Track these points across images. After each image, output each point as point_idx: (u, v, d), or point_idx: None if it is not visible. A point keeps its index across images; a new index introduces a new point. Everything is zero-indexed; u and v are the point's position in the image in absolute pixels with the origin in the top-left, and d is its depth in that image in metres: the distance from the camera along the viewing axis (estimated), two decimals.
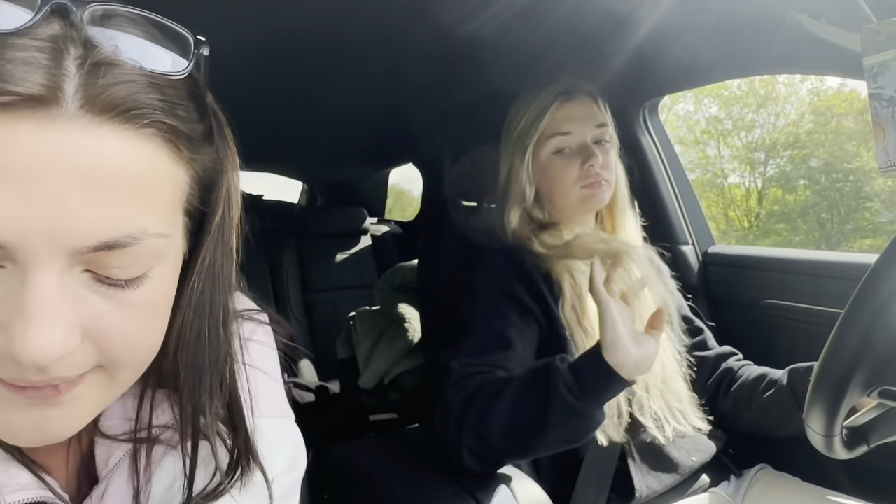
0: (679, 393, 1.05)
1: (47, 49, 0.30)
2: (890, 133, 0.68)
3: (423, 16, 0.94)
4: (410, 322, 1.65)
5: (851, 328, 0.66)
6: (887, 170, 0.68)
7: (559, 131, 1.05)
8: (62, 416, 0.35)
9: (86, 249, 0.31)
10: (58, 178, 0.29)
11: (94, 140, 0.30)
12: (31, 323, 0.30)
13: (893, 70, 0.67)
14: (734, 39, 1.06)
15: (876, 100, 0.68)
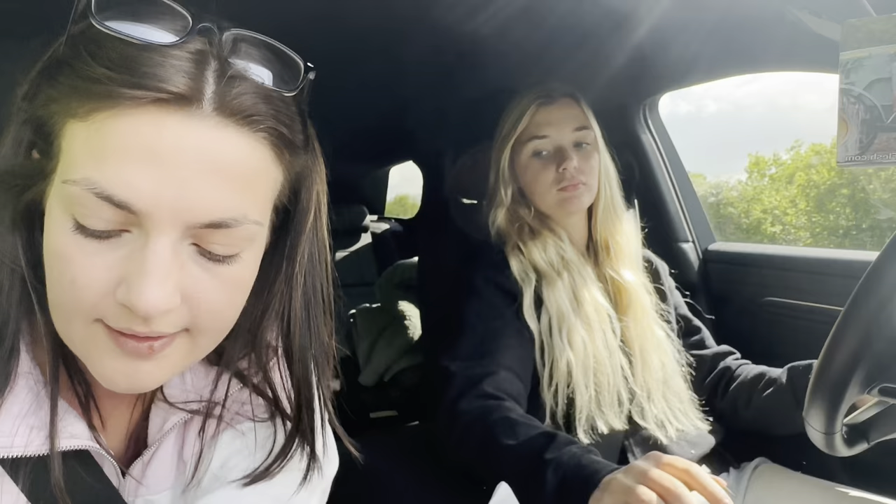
0: (679, 392, 1.06)
1: (193, 60, 0.37)
2: (853, 129, 0.69)
3: (423, 14, 0.94)
4: (411, 319, 1.65)
5: (851, 326, 0.66)
6: (845, 164, 0.70)
7: (536, 135, 1.07)
8: (150, 369, 0.41)
9: (199, 225, 0.38)
10: (188, 164, 0.37)
11: (221, 137, 0.38)
12: (148, 278, 0.37)
13: (866, 67, 0.68)
14: (735, 37, 1.05)
15: (845, 95, 0.69)
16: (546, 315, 1.00)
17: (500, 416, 0.86)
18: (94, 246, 0.37)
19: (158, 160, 0.36)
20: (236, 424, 0.51)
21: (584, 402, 0.96)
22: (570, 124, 1.07)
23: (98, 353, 0.40)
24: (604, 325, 1.02)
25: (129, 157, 0.36)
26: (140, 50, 0.36)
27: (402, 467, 1.11)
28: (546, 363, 0.98)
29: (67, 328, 0.40)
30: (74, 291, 0.38)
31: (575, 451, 0.77)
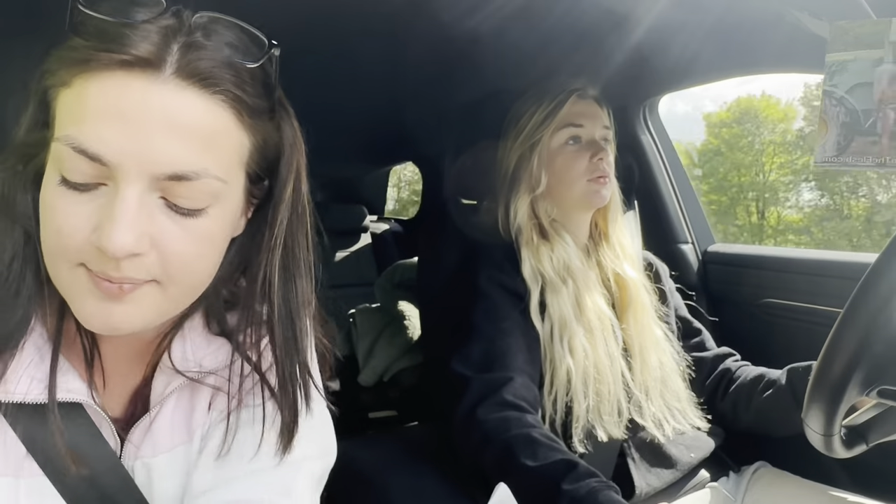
0: (678, 392, 1.06)
1: (160, 32, 0.43)
2: (832, 130, 0.70)
3: (421, 13, 0.94)
4: (410, 319, 1.65)
5: (850, 328, 0.66)
6: (822, 164, 0.71)
7: (573, 122, 1.07)
8: (124, 312, 0.45)
9: (163, 176, 0.43)
10: (152, 121, 0.42)
11: (181, 97, 0.43)
12: (116, 223, 0.41)
13: (850, 71, 0.69)
14: (734, 38, 1.05)
15: (828, 97, 0.70)
16: (549, 321, 1.00)
17: (520, 432, 0.85)
18: (75, 197, 0.43)
19: (125, 118, 0.41)
20: (248, 402, 0.55)
21: (582, 411, 0.95)
22: (601, 121, 1.08)
23: (79, 295, 0.45)
24: (606, 332, 1.02)
25: (100, 116, 0.42)
26: (114, 25, 0.42)
27: (402, 467, 1.11)
28: (547, 369, 0.98)
29: (56, 273, 0.46)
30: (60, 238, 0.43)
31: (594, 485, 0.77)
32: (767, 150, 18.31)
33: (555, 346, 0.98)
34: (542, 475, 0.80)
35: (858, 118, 0.68)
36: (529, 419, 0.89)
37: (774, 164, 18.26)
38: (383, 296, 1.73)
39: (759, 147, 18.50)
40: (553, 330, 0.99)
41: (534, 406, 0.94)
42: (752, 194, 18.84)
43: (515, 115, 1.11)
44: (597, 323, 1.01)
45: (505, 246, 1.07)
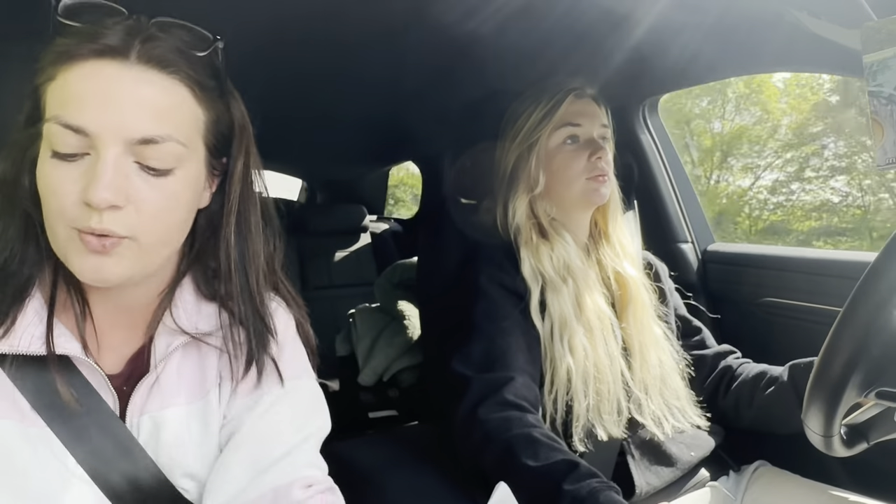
0: (677, 390, 1.06)
1: (125, 30, 0.54)
2: (888, 130, 0.68)
3: (421, 14, 0.94)
4: (410, 319, 1.65)
5: (849, 329, 0.66)
6: (886, 167, 0.69)
7: (571, 121, 1.07)
8: (109, 264, 0.54)
9: (134, 141, 0.53)
10: (123, 97, 0.52)
11: (145, 77, 0.54)
12: (98, 180, 0.51)
13: (892, 68, 0.67)
14: (734, 37, 1.05)
15: (875, 97, 0.69)
16: (549, 319, 1.00)
17: (521, 432, 0.85)
18: (65, 166, 0.53)
19: (101, 96, 0.52)
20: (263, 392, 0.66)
21: (582, 410, 0.95)
22: (598, 119, 1.08)
23: (73, 252, 0.54)
24: (605, 331, 1.01)
25: (80, 96, 0.52)
26: (87, 26, 0.54)
27: (402, 466, 1.11)
28: (547, 369, 0.98)
29: (55, 237, 0.55)
30: (55, 201, 0.53)
31: (595, 485, 0.77)
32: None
33: (555, 345, 0.98)
34: (543, 475, 0.80)
35: None
36: (530, 419, 0.89)
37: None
38: (383, 296, 1.73)
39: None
40: (553, 329, 0.99)
41: (535, 405, 0.94)
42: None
43: (513, 115, 1.11)
44: (596, 322, 1.01)
45: (505, 245, 1.07)
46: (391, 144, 2.27)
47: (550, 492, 0.78)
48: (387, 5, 0.91)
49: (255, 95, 1.39)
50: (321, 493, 0.62)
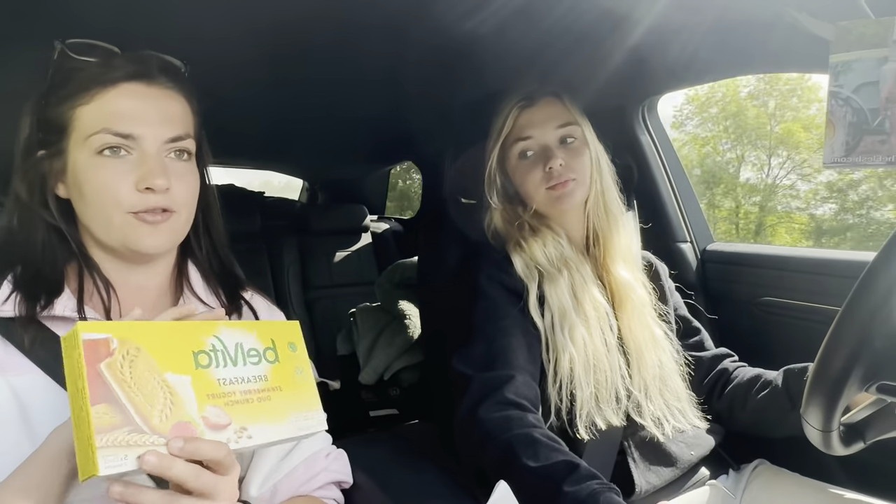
0: (677, 391, 1.06)
1: (139, 60, 0.71)
2: (839, 131, 0.70)
3: (421, 14, 0.94)
4: (411, 318, 1.65)
5: (850, 323, 0.66)
6: (831, 165, 0.71)
7: (520, 136, 1.07)
8: (162, 235, 0.70)
9: (167, 140, 0.70)
10: (153, 107, 0.70)
11: (166, 93, 0.71)
12: (153, 170, 0.67)
13: (855, 71, 0.69)
14: (732, 37, 1.06)
15: (833, 97, 0.70)
16: (549, 312, 1.00)
17: (522, 432, 0.86)
18: (115, 164, 0.67)
19: (139, 107, 0.68)
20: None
21: (586, 398, 0.96)
22: (553, 122, 1.07)
23: (133, 231, 0.68)
24: (602, 322, 1.02)
25: (124, 109, 0.68)
26: (106, 58, 0.70)
27: (403, 465, 1.11)
28: (550, 360, 0.98)
29: (109, 224, 0.68)
30: (111, 193, 0.66)
31: (595, 487, 0.77)
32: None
33: (556, 336, 0.99)
34: (543, 476, 0.80)
35: (866, 117, 0.68)
36: (531, 419, 0.89)
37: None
38: (384, 295, 1.73)
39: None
40: (554, 321, 1.00)
41: (535, 404, 0.94)
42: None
43: (490, 129, 1.13)
44: (593, 313, 1.01)
45: (501, 246, 1.08)
46: (392, 144, 2.27)
47: (551, 493, 0.78)
48: (387, 6, 0.92)
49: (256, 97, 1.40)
50: (336, 459, 0.85)
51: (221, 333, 0.60)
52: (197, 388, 0.55)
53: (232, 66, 0.83)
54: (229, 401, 0.57)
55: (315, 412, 0.65)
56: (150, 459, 0.49)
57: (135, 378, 0.52)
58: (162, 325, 0.57)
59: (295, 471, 0.79)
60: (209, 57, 0.79)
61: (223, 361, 0.58)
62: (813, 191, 14.05)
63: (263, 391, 0.60)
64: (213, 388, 0.56)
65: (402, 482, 1.05)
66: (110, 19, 0.88)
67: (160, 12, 0.88)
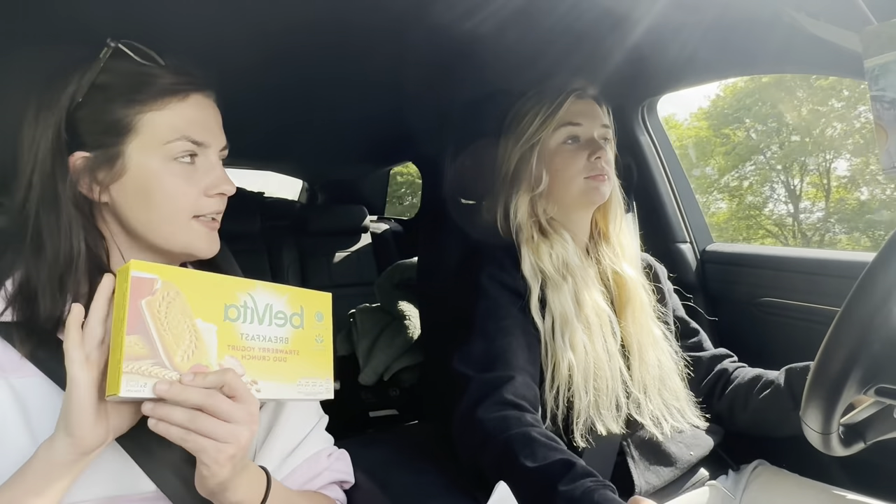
0: (676, 391, 1.06)
1: (196, 73, 0.74)
2: (892, 135, 0.67)
3: (421, 15, 0.94)
4: (410, 319, 1.65)
5: (848, 326, 0.66)
6: (891, 171, 0.68)
7: (572, 121, 1.08)
8: (216, 239, 0.75)
9: (222, 148, 0.75)
10: (214, 116, 0.75)
11: (214, 106, 0.75)
12: (223, 178, 0.73)
13: (894, 71, 0.67)
14: (732, 38, 1.06)
15: (878, 102, 0.68)
16: (550, 316, 1.00)
17: (519, 432, 0.86)
18: (185, 171, 0.70)
19: (210, 118, 0.73)
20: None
21: (584, 406, 0.96)
22: (599, 120, 1.10)
23: (197, 237, 0.72)
24: (604, 327, 1.02)
25: (200, 119, 0.72)
26: (183, 69, 0.73)
27: (402, 465, 1.11)
28: (548, 365, 0.98)
29: (175, 228, 0.70)
30: (179, 199, 0.70)
31: (589, 485, 0.77)
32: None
33: (556, 342, 0.98)
34: (539, 475, 0.80)
35: None
36: (529, 418, 0.89)
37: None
38: (383, 295, 1.73)
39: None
40: (554, 326, 0.99)
41: (534, 405, 0.94)
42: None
43: (516, 115, 1.12)
44: (595, 319, 1.01)
45: (505, 244, 1.08)
46: (392, 145, 2.27)
47: (547, 492, 0.78)
48: (388, 5, 0.92)
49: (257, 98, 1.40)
50: (338, 459, 0.86)
51: (256, 292, 0.64)
52: (221, 337, 0.61)
53: (232, 66, 0.83)
54: (247, 355, 0.62)
55: (325, 381, 0.69)
56: (161, 388, 0.55)
57: (169, 318, 0.58)
58: (205, 276, 0.62)
59: (297, 469, 0.79)
60: (209, 58, 0.78)
61: (251, 318, 0.63)
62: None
63: (281, 352, 0.65)
64: (235, 341, 0.62)
65: (402, 482, 1.05)
66: (111, 20, 0.88)
67: (161, 13, 0.88)
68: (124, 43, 0.69)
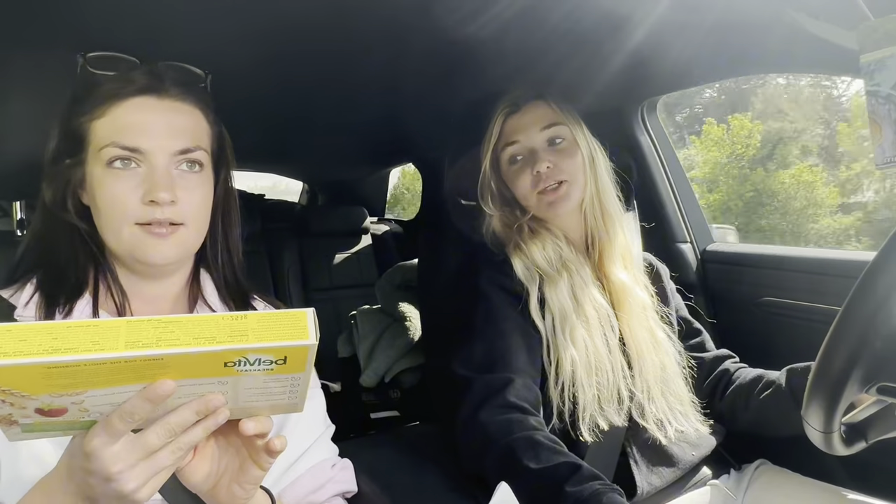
0: (680, 394, 1.05)
1: (151, 73, 0.71)
2: (886, 130, 0.68)
3: (422, 17, 0.94)
4: (411, 320, 1.65)
5: (850, 324, 0.66)
6: (884, 166, 0.68)
7: (508, 141, 1.08)
8: (170, 247, 0.70)
9: (176, 152, 0.70)
10: (162, 120, 0.70)
11: (176, 105, 0.72)
12: (158, 184, 0.67)
13: (890, 67, 0.67)
14: (732, 38, 1.06)
15: (873, 97, 0.68)
16: (549, 314, 1.00)
17: (523, 435, 0.86)
18: (124, 176, 0.68)
19: (147, 121, 0.69)
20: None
21: (588, 400, 0.96)
22: (538, 125, 1.07)
23: (141, 243, 0.69)
24: (603, 322, 1.02)
25: (132, 123, 0.68)
26: (123, 73, 0.71)
27: (403, 467, 1.11)
28: (552, 362, 0.98)
29: (118, 235, 0.69)
30: (120, 205, 0.68)
31: (598, 487, 0.77)
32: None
33: (558, 338, 0.98)
34: (545, 477, 0.80)
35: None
36: (532, 421, 0.89)
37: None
38: (384, 297, 1.73)
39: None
40: (555, 323, 0.99)
41: (536, 407, 0.94)
42: None
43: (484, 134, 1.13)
44: (593, 314, 1.01)
45: (501, 249, 1.08)
46: (392, 146, 2.27)
47: (553, 494, 0.78)
48: (388, 9, 0.92)
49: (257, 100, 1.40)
50: (343, 469, 0.85)
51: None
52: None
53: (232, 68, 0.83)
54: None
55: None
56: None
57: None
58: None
59: (300, 479, 0.78)
60: (209, 59, 0.79)
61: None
62: None
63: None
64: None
65: (403, 484, 1.05)
66: (110, 24, 0.88)
67: (161, 16, 0.88)
68: (89, 57, 0.72)
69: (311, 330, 0.53)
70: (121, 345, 0.43)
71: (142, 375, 0.45)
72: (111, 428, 0.46)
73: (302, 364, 0.54)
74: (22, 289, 0.70)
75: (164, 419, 0.48)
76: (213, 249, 0.81)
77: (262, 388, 0.54)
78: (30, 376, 0.43)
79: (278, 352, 0.51)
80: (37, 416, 0.46)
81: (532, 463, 0.82)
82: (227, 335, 0.47)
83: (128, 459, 0.47)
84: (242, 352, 0.48)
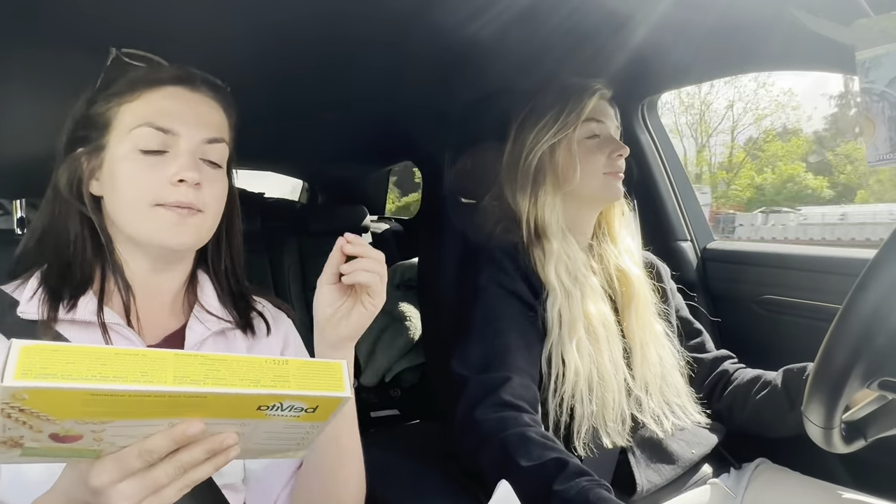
0: (677, 388, 1.06)
1: (184, 69, 0.76)
2: (880, 127, 0.68)
3: (423, 16, 0.94)
4: (411, 320, 1.65)
5: (851, 320, 0.66)
6: (876, 163, 0.69)
7: (595, 118, 1.09)
8: (188, 231, 0.71)
9: (204, 140, 0.73)
10: (193, 109, 0.73)
11: (204, 100, 0.75)
12: (187, 166, 0.70)
13: (885, 65, 0.68)
14: (733, 36, 1.06)
15: (867, 94, 0.69)
16: (556, 325, 1.00)
17: (516, 432, 0.86)
18: (151, 160, 0.70)
19: (180, 108, 0.72)
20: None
21: (586, 414, 0.95)
22: (614, 120, 1.12)
23: (160, 223, 0.70)
24: (610, 336, 1.02)
25: (166, 107, 0.71)
26: (157, 62, 0.76)
27: (404, 465, 1.11)
28: (553, 373, 0.98)
29: (135, 217, 0.70)
30: (140, 188, 0.69)
31: (584, 484, 0.77)
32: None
33: (563, 348, 0.98)
34: (534, 475, 0.81)
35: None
36: (526, 418, 0.89)
37: None
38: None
39: None
40: (562, 333, 0.99)
41: (533, 406, 0.94)
42: None
43: (535, 112, 1.11)
44: (601, 330, 1.01)
45: (504, 246, 1.07)
46: (391, 144, 2.27)
47: (542, 492, 0.78)
48: (389, 8, 0.92)
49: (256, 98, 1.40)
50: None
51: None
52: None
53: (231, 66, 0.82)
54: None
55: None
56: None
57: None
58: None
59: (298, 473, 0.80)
60: (209, 58, 0.79)
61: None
62: None
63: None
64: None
65: (404, 483, 1.05)
66: (110, 20, 0.88)
67: (161, 14, 0.88)
68: (123, 52, 0.75)
69: (347, 383, 0.51)
70: (169, 378, 0.42)
71: (174, 411, 0.45)
72: (126, 465, 0.45)
73: (327, 414, 0.53)
74: (25, 283, 0.70)
75: (174, 457, 0.47)
76: (216, 249, 0.82)
77: (279, 433, 0.53)
78: (68, 400, 0.41)
79: (313, 401, 0.51)
80: (49, 441, 0.45)
81: (523, 460, 0.82)
82: (271, 379, 0.47)
83: (135, 497, 0.46)
84: (282, 397, 0.47)
